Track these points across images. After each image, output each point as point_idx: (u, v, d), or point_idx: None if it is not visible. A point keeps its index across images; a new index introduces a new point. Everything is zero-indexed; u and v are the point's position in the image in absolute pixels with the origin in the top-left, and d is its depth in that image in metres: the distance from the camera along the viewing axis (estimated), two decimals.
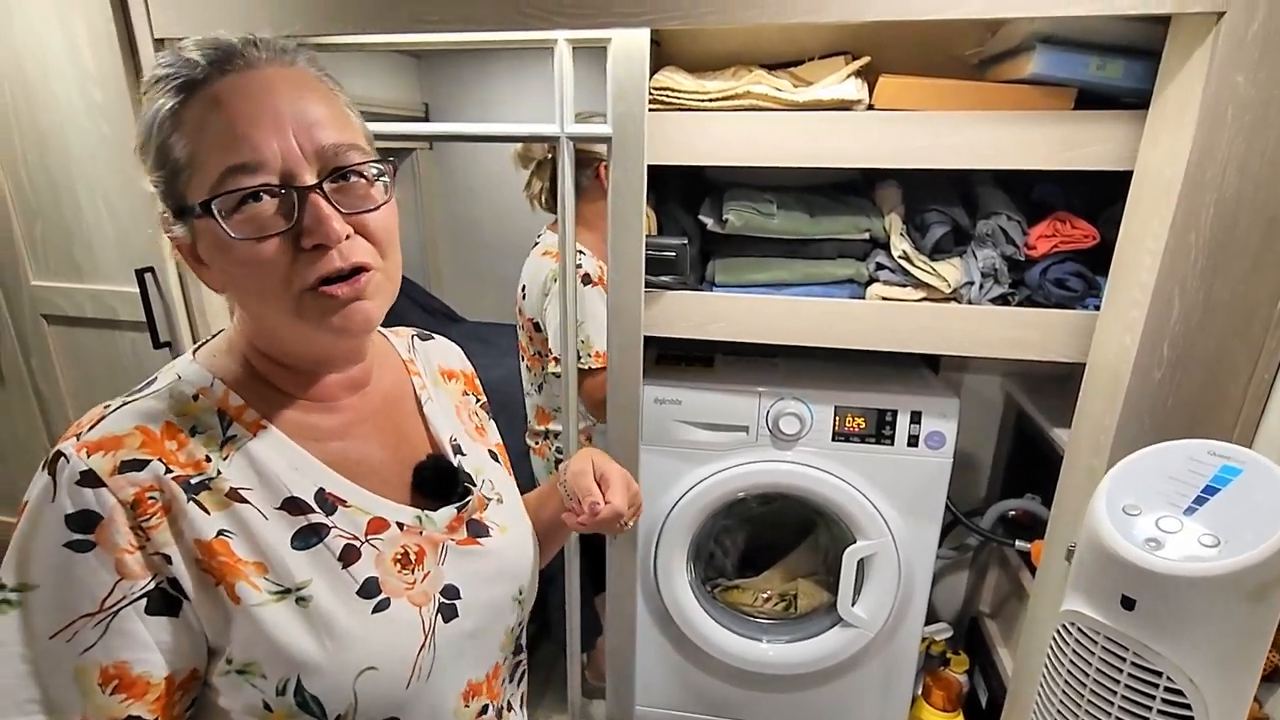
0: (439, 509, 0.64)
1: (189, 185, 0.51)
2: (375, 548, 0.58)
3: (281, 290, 0.52)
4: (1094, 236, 1.17)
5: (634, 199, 1.15)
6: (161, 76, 0.51)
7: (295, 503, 0.56)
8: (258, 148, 0.49)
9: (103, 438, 0.51)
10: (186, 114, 0.50)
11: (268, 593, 0.53)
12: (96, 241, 1.32)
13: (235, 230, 0.50)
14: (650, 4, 1.00)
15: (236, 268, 0.52)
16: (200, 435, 0.54)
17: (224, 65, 0.51)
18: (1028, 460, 1.55)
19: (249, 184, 0.49)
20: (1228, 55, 0.87)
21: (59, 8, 1.17)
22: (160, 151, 0.51)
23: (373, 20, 1.07)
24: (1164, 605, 0.56)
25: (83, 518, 0.49)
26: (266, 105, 0.50)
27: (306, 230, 0.51)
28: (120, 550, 0.49)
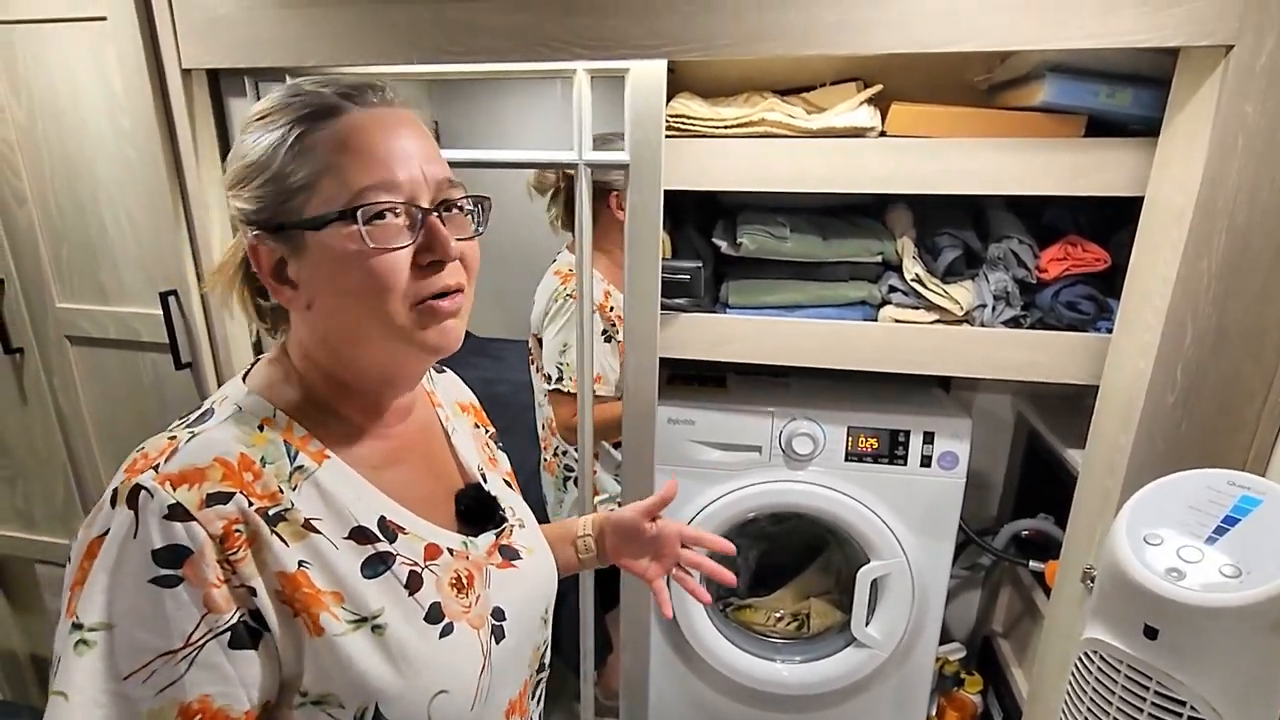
0: (479, 534, 0.66)
1: (309, 203, 0.54)
2: (434, 573, 0.60)
3: (397, 301, 0.55)
4: (1105, 260, 1.18)
5: (651, 224, 1.17)
6: (289, 104, 0.55)
7: (362, 531, 0.57)
8: (394, 171, 0.54)
9: (183, 469, 0.51)
10: (320, 137, 0.54)
11: (346, 622, 0.54)
12: (121, 264, 1.34)
13: (373, 240, 0.53)
14: (667, 36, 1.03)
15: (357, 277, 0.54)
16: (271, 466, 0.55)
17: (357, 98, 0.56)
18: (1040, 479, 1.56)
19: (385, 200, 0.53)
20: (1237, 86, 0.89)
21: (93, 39, 1.20)
22: (281, 172, 0.54)
23: (396, 51, 1.10)
24: (1187, 635, 0.57)
25: (171, 552, 0.49)
26: (399, 136, 0.55)
27: (426, 246, 0.55)
28: (209, 584, 0.49)
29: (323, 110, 0.54)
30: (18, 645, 1.86)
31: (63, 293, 1.39)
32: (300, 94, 0.56)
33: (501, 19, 1.05)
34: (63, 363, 1.43)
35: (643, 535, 0.86)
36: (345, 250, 0.54)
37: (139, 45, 1.18)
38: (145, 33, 1.17)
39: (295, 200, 0.54)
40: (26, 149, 1.31)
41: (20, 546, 1.63)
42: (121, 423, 1.47)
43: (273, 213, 0.55)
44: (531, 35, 1.06)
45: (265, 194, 0.55)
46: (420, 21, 1.08)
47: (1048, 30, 0.94)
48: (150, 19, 1.17)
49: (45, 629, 1.88)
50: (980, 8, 0.95)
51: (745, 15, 1.00)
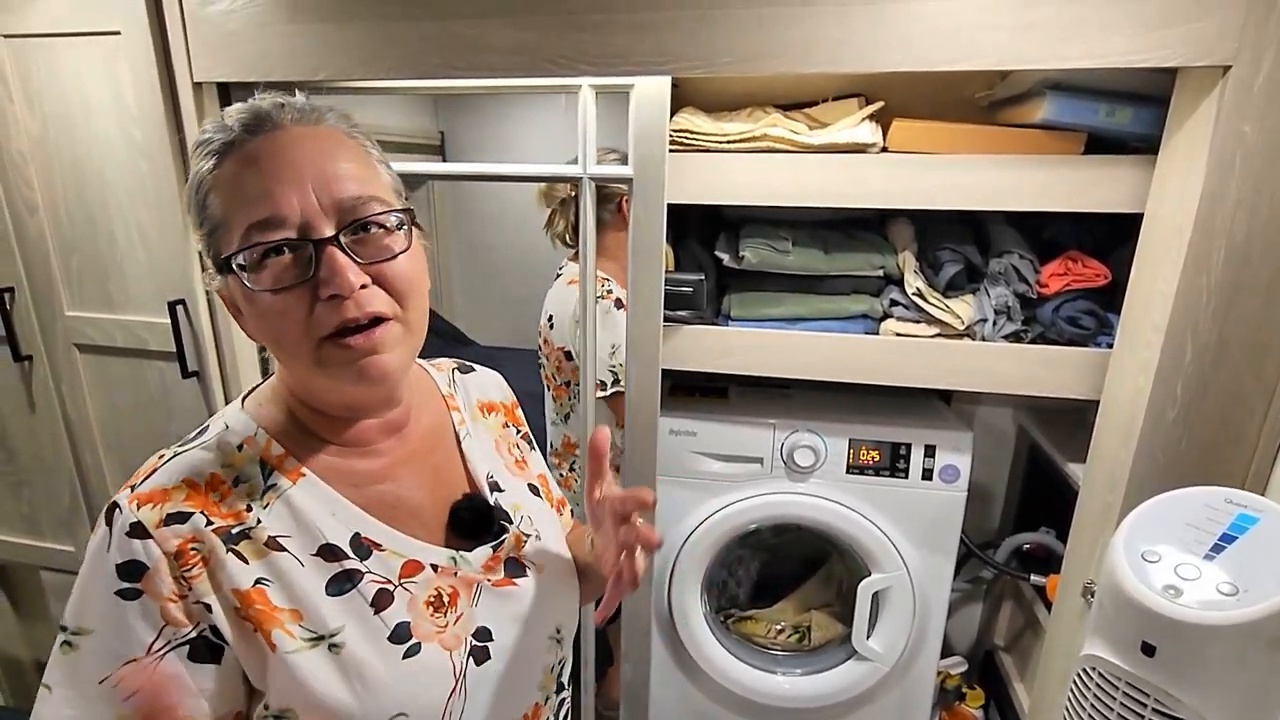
0: (474, 549, 0.64)
1: (223, 241, 0.54)
2: (408, 591, 0.59)
3: (301, 339, 0.54)
4: (1106, 275, 1.19)
5: (654, 237, 1.18)
6: (202, 141, 0.55)
7: (330, 549, 0.57)
8: (277, 204, 0.52)
9: (152, 490, 0.54)
10: (221, 175, 0.54)
11: (302, 639, 0.54)
12: (130, 274, 1.36)
13: (256, 284, 0.53)
14: (671, 53, 1.04)
15: (261, 319, 0.55)
16: (243, 485, 0.57)
17: (254, 128, 0.54)
18: (1041, 493, 1.56)
19: (269, 239, 0.52)
20: (1235, 106, 0.90)
21: (106, 52, 1.22)
22: (200, 210, 0.55)
23: (404, 66, 1.12)
24: (1184, 652, 0.57)
25: (131, 567, 0.52)
26: (287, 163, 0.53)
27: (323, 281, 0.52)
28: (164, 599, 0.52)
29: (225, 145, 0.54)
30: (22, 652, 1.86)
31: (72, 301, 1.41)
32: (214, 129, 0.55)
33: (508, 36, 1.07)
34: (71, 370, 1.45)
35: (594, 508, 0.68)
36: (240, 293, 0.54)
37: (151, 59, 1.20)
38: (158, 46, 1.19)
39: (216, 237, 0.55)
40: (39, 160, 1.32)
41: (25, 553, 1.64)
42: (128, 430, 1.48)
43: (207, 247, 0.56)
44: (537, 52, 1.07)
45: (199, 234, 0.56)
46: (428, 38, 1.10)
47: (1048, 50, 0.95)
48: (163, 33, 1.19)
49: (50, 636, 1.89)
50: (981, 27, 0.96)
51: (748, 33, 1.01)
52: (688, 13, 1.02)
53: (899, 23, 0.98)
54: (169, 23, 1.18)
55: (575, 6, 1.04)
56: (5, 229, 1.37)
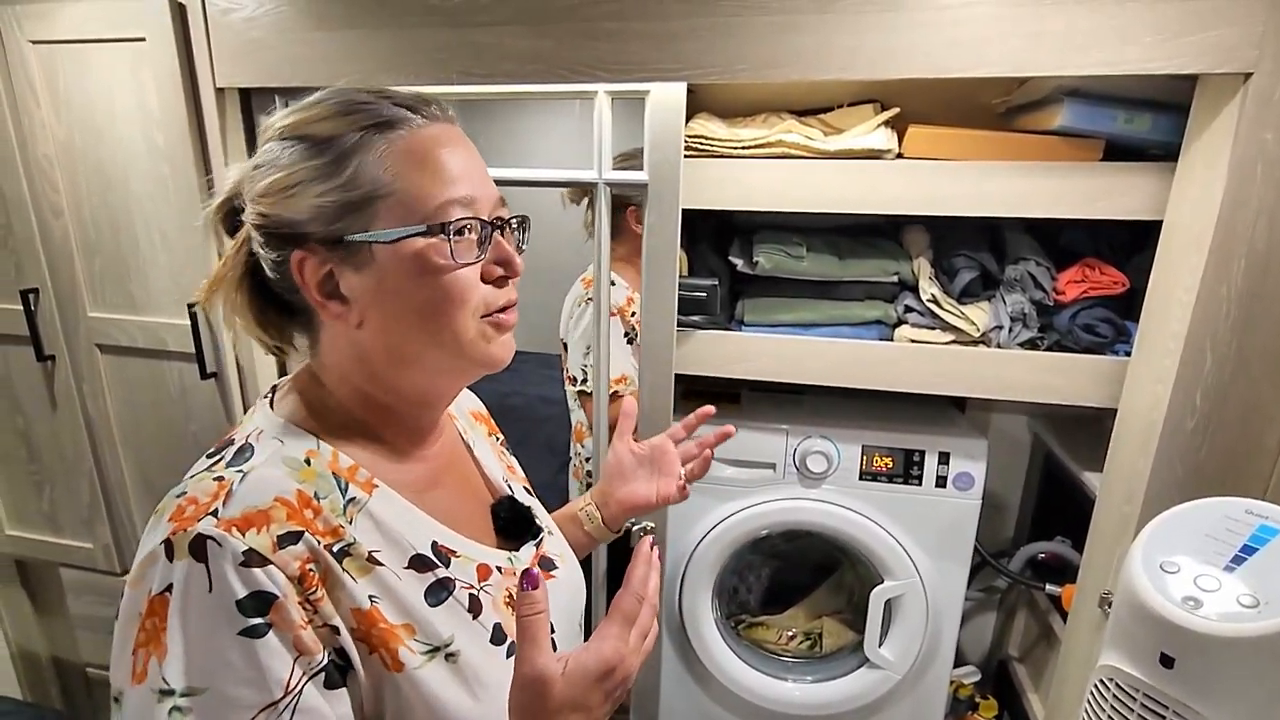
0: (518, 548, 0.66)
1: (376, 217, 0.52)
2: (489, 594, 0.59)
3: (470, 315, 0.55)
4: (1123, 283, 1.18)
5: (668, 243, 1.19)
6: (358, 110, 0.53)
7: (421, 559, 0.56)
8: (467, 185, 0.54)
9: (246, 513, 0.48)
10: (387, 149, 0.52)
11: (421, 654, 0.53)
12: (151, 276, 1.38)
13: (459, 255, 0.53)
14: (688, 60, 1.05)
15: (437, 290, 0.54)
16: (325, 500, 0.52)
17: (420, 110, 0.55)
18: (1057, 502, 1.54)
19: (465, 215, 0.54)
20: (1256, 114, 0.89)
21: (131, 58, 1.24)
22: (343, 184, 0.52)
23: (423, 72, 1.13)
24: (1204, 664, 0.57)
25: (256, 600, 0.46)
26: (463, 153, 0.56)
27: (501, 261, 0.56)
28: (296, 627, 0.47)
29: (388, 122, 0.53)
30: (40, 648, 1.89)
31: (94, 302, 1.43)
32: (358, 104, 0.54)
33: (527, 43, 1.08)
34: (92, 370, 1.47)
35: (634, 461, 0.85)
36: (424, 264, 0.53)
37: (175, 65, 1.22)
38: (181, 53, 1.22)
39: (362, 212, 0.52)
40: (64, 164, 1.35)
41: (45, 550, 1.67)
42: (147, 430, 1.50)
43: (332, 224, 0.52)
44: (554, 59, 1.08)
45: (325, 204, 0.52)
46: (448, 45, 1.11)
47: (1065, 57, 0.95)
48: (187, 40, 1.21)
49: (68, 632, 1.91)
50: (997, 35, 0.96)
51: (764, 41, 1.02)
52: (704, 21, 1.03)
53: (915, 30, 0.98)
54: (193, 29, 1.20)
55: (592, 15, 1.05)
56: (31, 232, 1.40)
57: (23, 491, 1.63)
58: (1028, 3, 0.94)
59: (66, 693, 1.94)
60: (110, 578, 1.66)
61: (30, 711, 1.67)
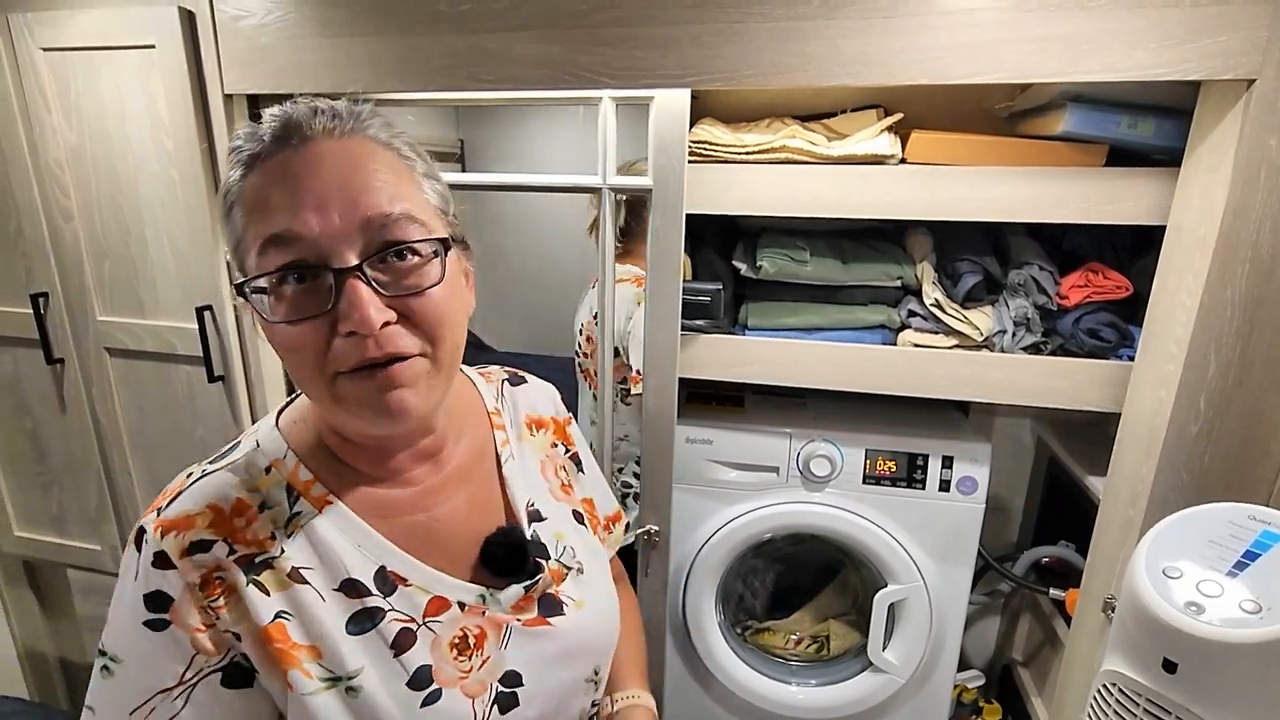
0: (506, 587, 0.60)
1: (244, 257, 0.51)
2: (432, 631, 0.56)
3: (316, 375, 0.50)
4: (1127, 287, 1.18)
5: (672, 247, 1.19)
6: (233, 149, 0.51)
7: (353, 584, 0.54)
8: (292, 220, 0.47)
9: (176, 516, 0.52)
10: (245, 187, 0.50)
11: (319, 679, 0.52)
12: (160, 280, 1.39)
13: (273, 312, 0.48)
14: (692, 67, 1.05)
15: (277, 346, 0.51)
16: (268, 511, 0.54)
17: (282, 138, 0.49)
18: (1061, 506, 1.54)
19: (285, 258, 0.47)
20: (1260, 119, 0.89)
21: (141, 65, 1.26)
22: (226, 222, 0.52)
23: (432, 78, 1.14)
24: (1206, 670, 0.57)
25: (157, 598, 0.51)
26: (310, 179, 0.48)
27: (342, 315, 0.47)
28: (193, 629, 0.51)
29: (252, 157, 0.50)
30: (48, 648, 1.90)
31: (103, 306, 1.44)
32: (244, 137, 0.51)
33: (533, 49, 1.09)
34: (101, 374, 1.48)
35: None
36: (262, 318, 0.50)
37: (184, 71, 1.23)
38: (190, 59, 1.23)
39: (237, 256, 0.52)
40: (75, 169, 1.36)
41: (53, 551, 1.68)
42: (155, 433, 1.51)
43: (233, 261, 0.53)
44: (561, 65, 1.09)
45: (228, 246, 0.53)
46: (455, 51, 1.12)
47: (1069, 63, 0.95)
48: (196, 47, 1.23)
49: (75, 633, 1.93)
50: (1001, 41, 0.96)
51: (768, 48, 1.02)
52: (710, 27, 1.03)
53: (919, 36, 0.99)
54: (202, 37, 1.21)
55: (598, 21, 1.06)
56: (41, 236, 1.41)
57: (31, 493, 1.65)
58: (1032, 9, 0.95)
59: (73, 693, 1.95)
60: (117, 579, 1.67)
61: (38, 711, 1.68)
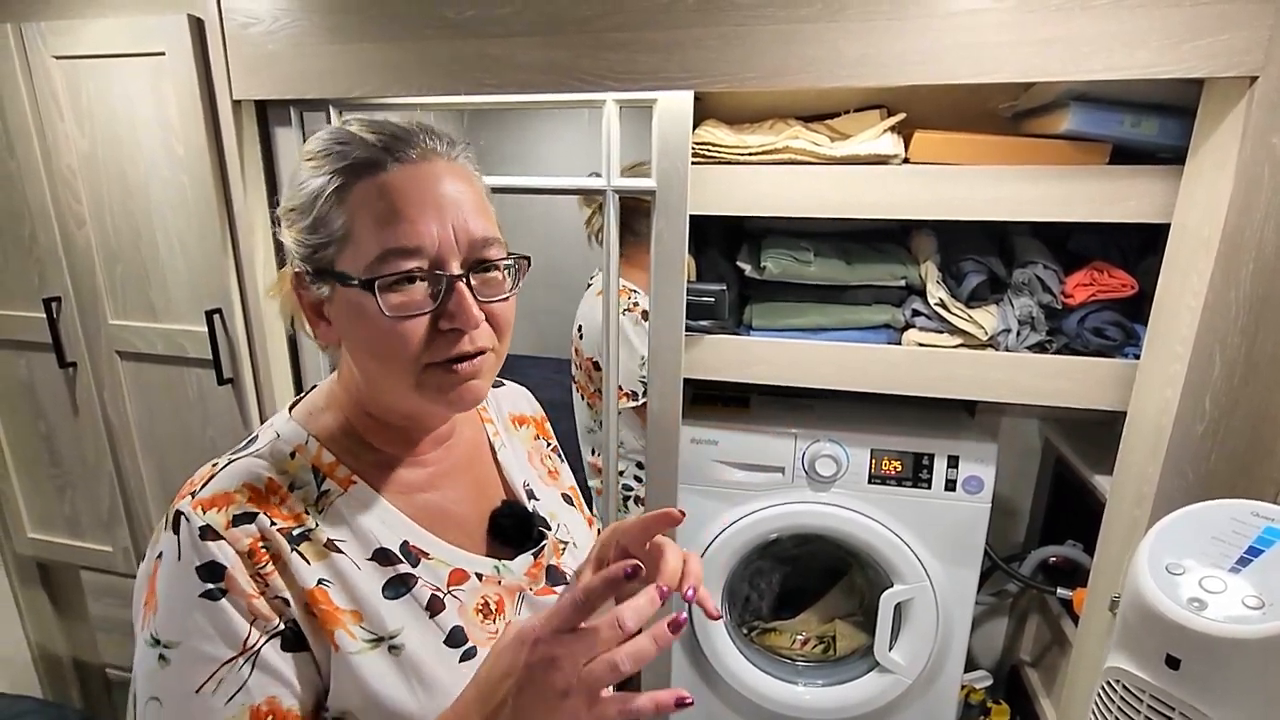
0: (515, 557, 0.66)
1: (341, 254, 0.55)
2: (458, 599, 0.61)
3: (411, 363, 0.55)
4: (1132, 286, 1.18)
5: (676, 248, 1.20)
6: (332, 152, 0.55)
7: (384, 553, 0.59)
8: (419, 235, 0.53)
9: (214, 495, 0.55)
10: (355, 191, 0.54)
11: (363, 640, 0.55)
12: (171, 284, 1.41)
13: (387, 307, 0.53)
14: (696, 70, 1.06)
15: (374, 336, 0.55)
16: (298, 490, 0.58)
17: (398, 153, 0.55)
18: (1068, 506, 1.54)
19: (405, 266, 0.53)
20: (1263, 117, 0.89)
21: (152, 72, 1.28)
22: (318, 219, 0.55)
23: (438, 83, 1.15)
24: (1209, 666, 0.57)
25: (210, 569, 0.52)
26: (431, 196, 0.54)
27: (449, 314, 0.55)
28: (248, 595, 0.53)
29: (362, 164, 0.54)
30: (61, 649, 1.92)
31: (115, 310, 1.46)
32: (345, 142, 0.56)
33: (539, 54, 1.10)
34: (113, 376, 1.50)
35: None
36: (364, 310, 0.54)
37: (194, 78, 1.25)
38: (200, 66, 1.25)
39: (329, 250, 0.55)
40: (87, 175, 1.38)
41: (67, 553, 1.70)
42: (166, 435, 1.53)
43: (311, 256, 0.57)
44: (566, 69, 1.10)
45: (305, 238, 0.57)
46: (461, 56, 1.13)
47: (1072, 62, 0.96)
48: (205, 53, 1.24)
49: (88, 634, 1.95)
50: (1005, 41, 0.97)
51: (771, 50, 1.03)
52: (713, 30, 1.04)
53: (922, 37, 0.99)
54: (211, 44, 1.23)
55: (601, 25, 1.07)
56: (54, 241, 1.43)
57: (44, 495, 1.67)
58: (1035, 9, 0.95)
59: (87, 693, 1.98)
60: (129, 580, 1.69)
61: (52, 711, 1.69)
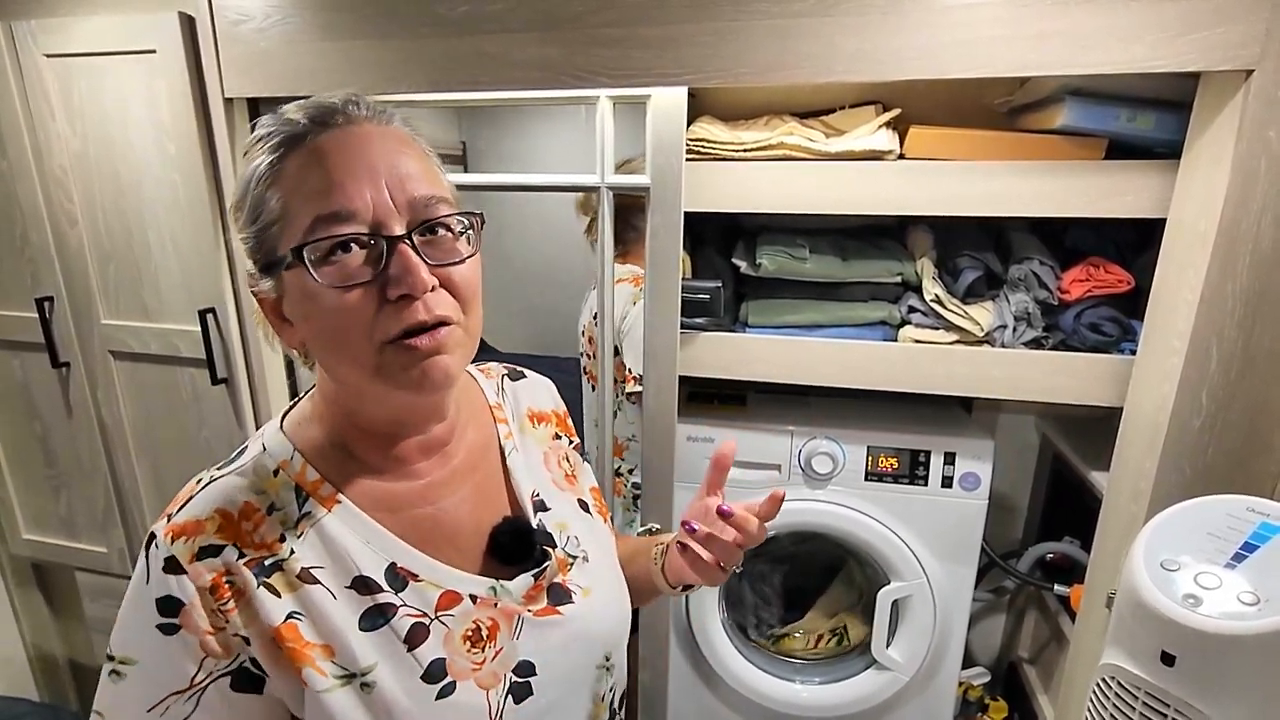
0: (515, 577, 0.61)
1: (281, 237, 0.51)
2: (445, 625, 0.57)
3: (364, 342, 0.51)
4: (1128, 281, 1.18)
5: (671, 245, 1.19)
6: (262, 136, 0.52)
7: (364, 582, 0.55)
8: (350, 197, 0.50)
9: (185, 521, 0.53)
10: (285, 168, 0.51)
11: (333, 677, 0.53)
12: (164, 283, 1.40)
13: (323, 278, 0.49)
14: (691, 66, 1.05)
15: (321, 319, 0.51)
16: (277, 513, 0.55)
17: (324, 121, 0.52)
18: (1065, 502, 1.54)
19: (339, 232, 0.49)
20: (1259, 111, 0.89)
21: (143, 70, 1.27)
22: (254, 206, 0.52)
23: (430, 81, 1.14)
24: (1205, 662, 0.56)
25: (168, 602, 0.52)
26: (362, 158, 0.51)
27: (393, 279, 0.50)
28: (203, 632, 0.52)
29: (289, 138, 0.51)
30: (57, 650, 1.92)
31: (108, 310, 1.46)
32: (274, 123, 0.53)
33: (533, 51, 1.09)
34: (106, 376, 1.50)
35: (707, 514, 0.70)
36: (306, 289, 0.51)
37: (185, 76, 1.24)
38: (191, 64, 1.24)
39: (270, 234, 0.52)
40: (78, 174, 1.38)
41: (62, 554, 1.70)
42: (160, 435, 1.52)
43: (256, 249, 0.53)
44: (560, 66, 1.09)
45: (248, 232, 0.53)
46: (455, 53, 1.12)
47: (1068, 57, 0.95)
48: (196, 52, 1.24)
49: (84, 634, 1.94)
50: (1000, 35, 0.96)
51: (766, 45, 1.03)
52: (708, 25, 1.03)
53: (917, 31, 0.98)
54: (202, 41, 1.22)
55: (595, 22, 1.06)
56: (46, 241, 1.43)
57: (39, 496, 1.66)
58: (1030, 3, 0.94)
59: (82, 694, 1.97)
60: (124, 581, 1.67)
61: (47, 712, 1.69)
